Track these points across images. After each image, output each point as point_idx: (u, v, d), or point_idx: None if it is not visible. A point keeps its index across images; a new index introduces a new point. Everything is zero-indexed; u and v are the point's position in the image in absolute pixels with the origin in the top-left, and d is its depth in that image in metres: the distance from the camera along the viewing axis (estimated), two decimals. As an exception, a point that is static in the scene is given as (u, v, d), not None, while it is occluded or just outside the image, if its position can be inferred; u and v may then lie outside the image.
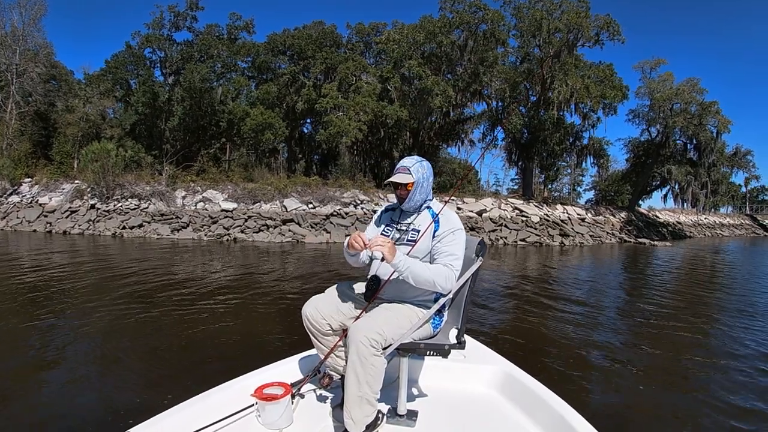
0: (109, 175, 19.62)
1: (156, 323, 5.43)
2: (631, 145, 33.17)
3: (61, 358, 4.19)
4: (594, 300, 8.08)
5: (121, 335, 4.93)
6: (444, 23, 24.36)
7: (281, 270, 10.36)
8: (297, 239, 17.45)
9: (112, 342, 4.68)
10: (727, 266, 15.97)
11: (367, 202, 20.44)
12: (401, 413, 2.00)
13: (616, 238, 24.93)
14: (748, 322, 6.61)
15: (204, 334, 5.03)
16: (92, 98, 25.46)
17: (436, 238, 2.02)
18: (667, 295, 8.94)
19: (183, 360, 4.25)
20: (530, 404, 2.09)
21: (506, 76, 25.31)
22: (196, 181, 21.13)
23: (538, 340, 5.33)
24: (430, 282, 1.91)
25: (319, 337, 2.10)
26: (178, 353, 4.43)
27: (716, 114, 28.00)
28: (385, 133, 26.44)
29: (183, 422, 1.78)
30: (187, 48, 28.29)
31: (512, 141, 28.08)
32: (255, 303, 6.76)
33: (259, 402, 1.89)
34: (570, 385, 3.86)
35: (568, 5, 23.71)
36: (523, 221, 21.81)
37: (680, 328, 6.11)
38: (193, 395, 1.97)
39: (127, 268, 9.74)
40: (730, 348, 5.27)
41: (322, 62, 26.55)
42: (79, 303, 6.33)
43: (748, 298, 8.93)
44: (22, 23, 25.84)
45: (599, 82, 24.46)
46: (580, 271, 12.77)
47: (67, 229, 18.22)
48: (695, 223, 40.32)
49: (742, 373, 4.40)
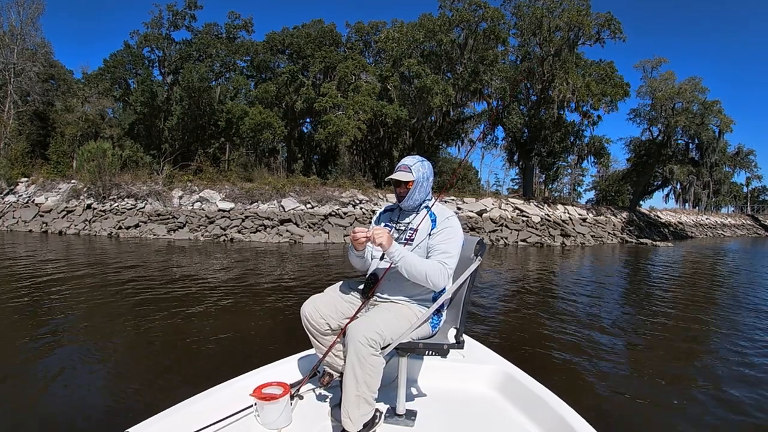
0: (105, 175, 19.47)
1: (153, 324, 5.38)
2: (632, 144, 32.96)
3: (59, 358, 4.16)
4: (594, 300, 7.93)
5: (118, 336, 4.91)
6: (444, 21, 24.21)
7: (279, 270, 10.24)
8: (294, 239, 17.26)
9: (110, 343, 4.68)
10: (730, 267, 15.77)
11: (366, 201, 20.26)
12: (400, 413, 2.00)
13: (618, 239, 24.74)
14: (753, 322, 6.52)
15: (202, 334, 5.01)
16: (91, 98, 25.35)
17: (432, 236, 2.03)
18: (670, 296, 8.79)
19: (181, 360, 4.24)
20: (529, 404, 2.09)
21: (506, 75, 25.12)
22: (193, 180, 20.96)
23: (538, 340, 5.28)
24: (422, 276, 1.92)
25: (317, 336, 2.10)
26: (176, 353, 4.42)
27: (718, 113, 27.79)
28: (385, 132, 26.27)
29: (182, 422, 1.78)
30: (185, 47, 28.21)
31: (512, 140, 27.89)
32: (253, 303, 6.71)
33: (258, 402, 1.90)
34: (569, 385, 3.84)
35: (568, 3, 23.53)
36: (524, 221, 21.62)
37: (682, 328, 6.05)
38: (191, 395, 1.97)
39: (123, 269, 9.62)
40: (734, 348, 5.18)
41: (321, 61, 26.40)
42: (75, 304, 6.28)
43: (750, 297, 8.77)
44: (20, 22, 25.79)
45: (600, 80, 24.27)
46: (581, 272, 12.61)
47: (63, 229, 18.06)
48: (696, 223, 40.10)
49: (746, 375, 4.33)
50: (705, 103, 27.82)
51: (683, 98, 27.88)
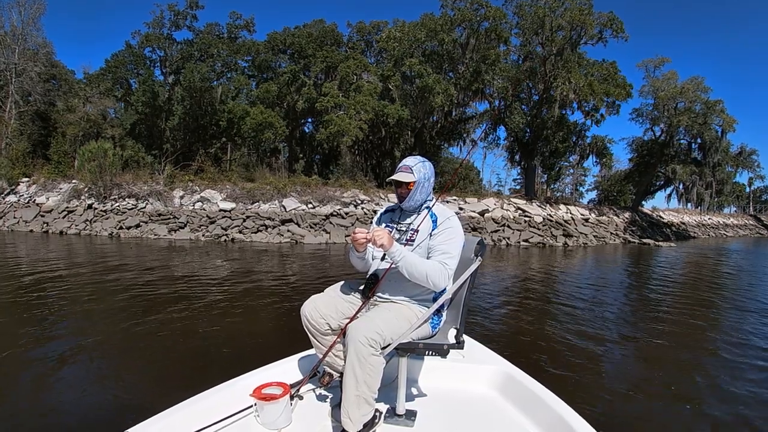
0: (106, 175, 19.46)
1: (153, 324, 5.36)
2: (634, 144, 32.85)
3: (60, 358, 4.17)
4: (595, 301, 7.87)
5: (119, 336, 4.92)
6: (446, 21, 24.13)
7: (280, 270, 10.22)
8: (296, 240, 17.21)
9: (110, 343, 4.68)
10: (730, 267, 15.68)
11: (368, 202, 20.20)
12: (400, 413, 2.01)
13: (620, 239, 24.65)
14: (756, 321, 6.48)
15: (201, 334, 5.00)
16: (92, 98, 25.36)
17: (433, 237, 2.03)
18: (670, 298, 8.74)
19: (182, 360, 4.25)
20: (529, 404, 2.09)
21: (508, 74, 25.04)
22: (194, 180, 20.94)
23: (538, 340, 5.26)
24: (423, 275, 1.92)
25: (317, 336, 2.10)
26: (176, 353, 4.42)
27: (721, 113, 27.66)
28: (387, 132, 26.21)
29: (182, 422, 1.79)
30: (187, 47, 28.21)
31: (514, 140, 27.81)
32: (253, 303, 6.69)
33: (258, 402, 1.91)
34: (569, 385, 3.84)
35: (571, 2, 23.44)
36: (526, 221, 21.54)
37: (683, 329, 6.02)
38: (192, 395, 1.98)
39: (124, 269, 9.61)
40: (736, 350, 5.11)
41: (323, 61, 26.34)
42: (75, 304, 6.27)
43: (753, 299, 8.71)
44: (21, 22, 25.75)
45: (603, 80, 24.18)
46: (582, 272, 12.54)
47: (64, 229, 18.04)
48: (699, 223, 39.97)
49: (748, 375, 4.30)
50: (707, 102, 27.70)
51: (686, 98, 27.77)
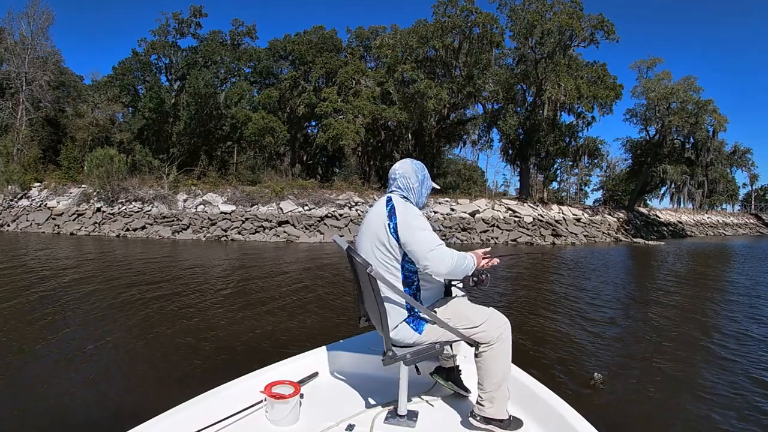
0: (113, 180, 20.43)
1: (162, 322, 5.53)
2: (629, 144, 33.32)
3: (68, 356, 4.25)
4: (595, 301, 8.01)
5: (127, 335, 5.02)
6: (437, 27, 24.75)
7: (280, 270, 10.61)
8: (291, 239, 18.08)
9: (119, 341, 4.77)
10: (722, 264, 16.17)
11: (362, 203, 20.96)
12: (401, 414, 2.01)
13: (612, 238, 25.15)
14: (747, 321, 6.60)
15: (207, 332, 5.11)
16: (100, 104, 26.27)
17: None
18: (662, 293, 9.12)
19: (191, 357, 4.31)
20: (530, 404, 2.08)
21: (500, 78, 25.66)
22: (197, 184, 21.87)
23: (537, 340, 5.32)
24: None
25: None
26: (185, 351, 4.49)
27: (713, 112, 28.04)
28: (387, 135, 26.94)
29: (194, 417, 1.82)
30: (191, 54, 28.99)
31: (508, 142, 28.42)
32: (258, 302, 6.79)
33: (269, 399, 1.94)
34: (569, 385, 3.87)
35: (560, 6, 24.00)
36: (516, 222, 22.17)
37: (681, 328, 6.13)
38: (201, 392, 2.00)
39: (131, 269, 10.17)
40: (733, 348, 5.17)
41: (322, 67, 27.11)
42: (83, 303, 6.46)
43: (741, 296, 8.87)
44: (30, 32, 26.77)
45: (592, 82, 24.70)
46: (558, 270, 13.08)
47: (74, 231, 19.05)
48: (697, 222, 40.23)
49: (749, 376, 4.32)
50: (699, 102, 28.11)
51: (677, 98, 28.18)
